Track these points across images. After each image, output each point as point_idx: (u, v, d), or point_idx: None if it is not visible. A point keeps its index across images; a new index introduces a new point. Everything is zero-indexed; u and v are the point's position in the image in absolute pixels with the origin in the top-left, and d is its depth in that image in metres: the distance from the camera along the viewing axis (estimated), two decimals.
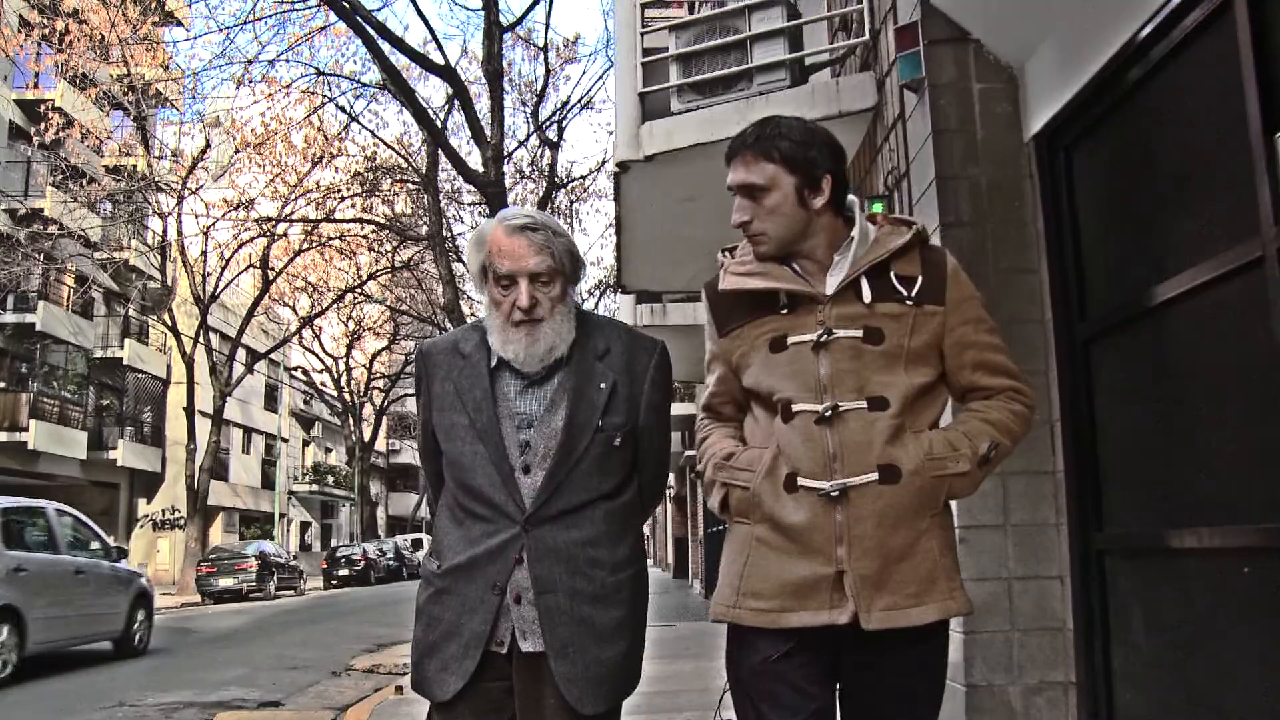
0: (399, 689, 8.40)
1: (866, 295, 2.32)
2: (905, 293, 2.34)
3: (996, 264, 4.49)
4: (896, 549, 2.23)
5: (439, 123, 20.20)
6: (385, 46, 16.36)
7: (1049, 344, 4.40)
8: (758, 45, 6.45)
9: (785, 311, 2.36)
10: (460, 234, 26.24)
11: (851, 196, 2.42)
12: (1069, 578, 4.28)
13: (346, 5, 15.66)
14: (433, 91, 40.00)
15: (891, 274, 2.35)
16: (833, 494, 2.22)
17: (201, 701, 8.87)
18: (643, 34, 6.82)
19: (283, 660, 12.27)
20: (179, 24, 32.02)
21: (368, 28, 16.20)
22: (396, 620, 17.44)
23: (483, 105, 19.28)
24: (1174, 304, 3.51)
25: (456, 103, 19.25)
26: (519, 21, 18.49)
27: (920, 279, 2.36)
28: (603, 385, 2.54)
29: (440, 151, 19.10)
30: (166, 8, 28.54)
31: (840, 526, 2.23)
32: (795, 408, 2.30)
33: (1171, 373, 3.69)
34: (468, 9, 32.47)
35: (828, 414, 2.25)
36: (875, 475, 2.22)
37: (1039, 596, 4.32)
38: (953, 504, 2.42)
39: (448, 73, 17.29)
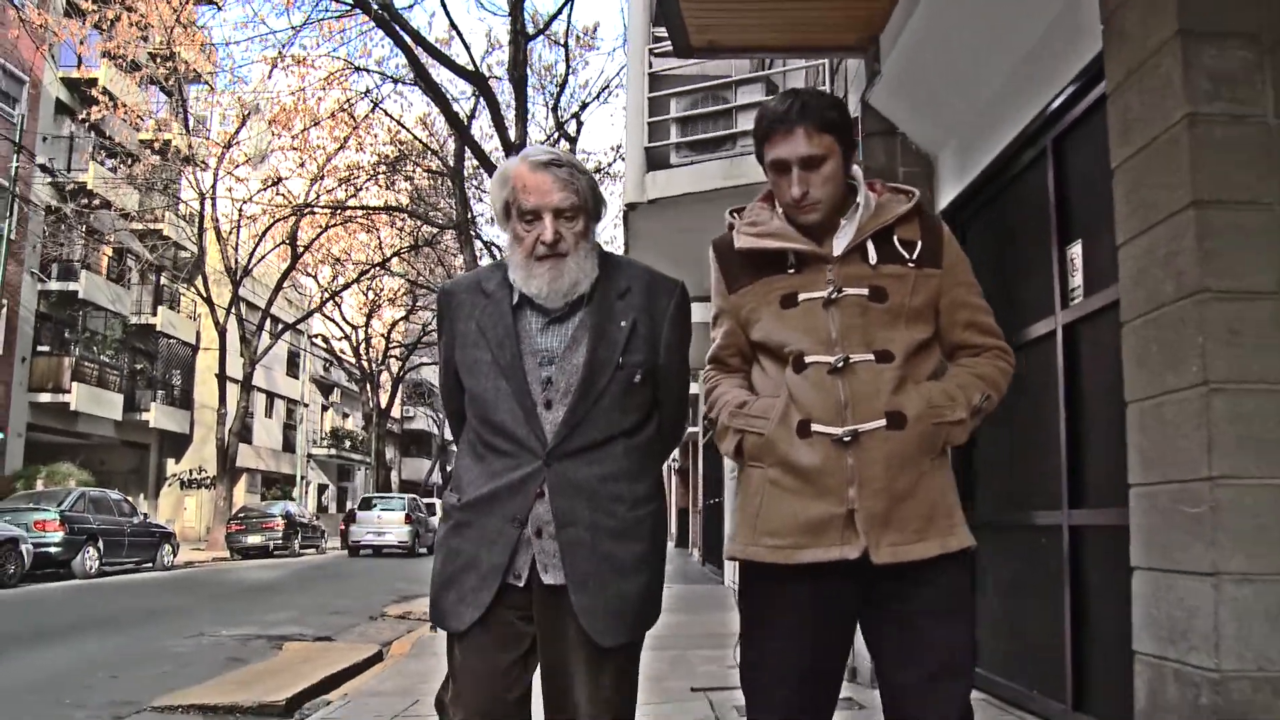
0: (433, 627, 9.99)
1: (873, 257, 2.43)
2: (907, 255, 2.45)
3: None
4: (901, 489, 2.34)
5: (466, 119, 21.76)
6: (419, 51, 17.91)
7: None
8: (741, 113, 8.01)
9: (794, 271, 2.46)
10: (481, 214, 27.72)
11: (855, 165, 2.53)
12: None
13: (385, 15, 17.20)
14: (460, 82, 41.18)
15: (894, 238, 2.46)
16: (845, 439, 2.33)
17: (267, 635, 10.56)
18: (650, 98, 8.37)
19: (324, 607, 13.92)
20: (213, 3, 33.44)
21: (404, 35, 17.76)
22: (416, 577, 19.10)
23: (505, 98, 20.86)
24: (1025, 348, 4.90)
25: (483, 100, 20.76)
26: (543, 30, 19.99)
27: (920, 243, 2.47)
28: (623, 323, 2.56)
29: (467, 148, 20.59)
30: None
31: (851, 469, 2.33)
32: (808, 359, 2.39)
33: (1017, 400, 5.29)
34: (494, 13, 33.78)
35: (839, 365, 2.36)
36: (884, 421, 2.33)
37: None
38: None
39: (477, 79, 18.82)
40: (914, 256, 2.45)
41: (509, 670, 2.53)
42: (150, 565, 22.46)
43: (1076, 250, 4.56)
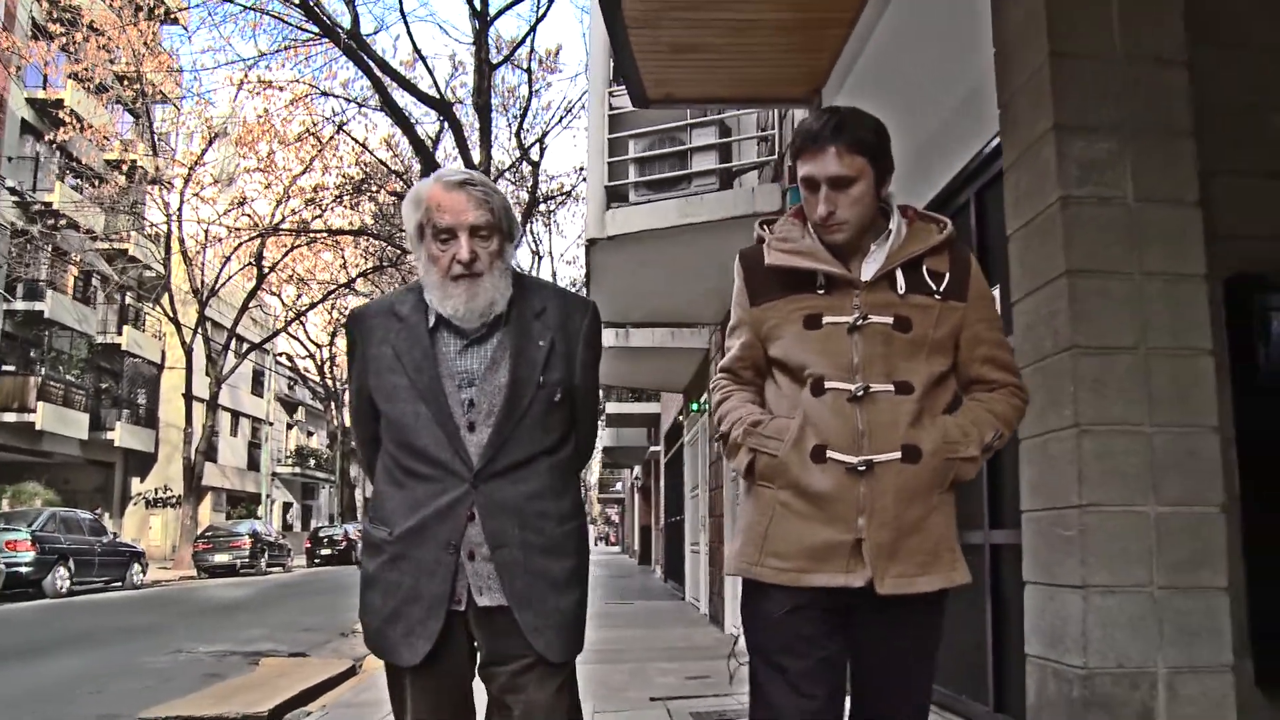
0: None
1: (901, 286, 2.41)
2: (935, 287, 2.43)
3: None
4: (909, 523, 2.34)
5: (431, 142, 22.17)
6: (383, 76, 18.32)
7: None
8: (696, 155, 8.50)
9: (822, 292, 2.43)
10: None
11: (890, 190, 2.50)
12: None
13: (353, 44, 17.60)
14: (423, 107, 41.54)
15: (924, 268, 2.44)
16: (860, 468, 2.33)
17: (242, 651, 10.93)
18: (610, 139, 8.84)
19: (295, 624, 14.28)
20: (176, 22, 33.64)
21: (371, 63, 18.18)
22: None
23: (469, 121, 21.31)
24: None
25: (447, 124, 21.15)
26: (507, 58, 20.44)
27: (948, 275, 2.45)
28: (541, 343, 2.56)
29: (431, 173, 20.95)
30: (166, 4, 29.78)
31: (863, 498, 2.33)
32: (828, 384, 2.38)
33: None
34: (459, 40, 34.30)
35: (859, 394, 2.36)
36: (899, 454, 2.33)
37: None
38: None
39: (442, 105, 19.25)
40: (941, 289, 2.43)
41: (462, 700, 2.60)
42: (120, 584, 22.70)
43: (995, 294, 5.04)
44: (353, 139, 27.67)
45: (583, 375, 2.65)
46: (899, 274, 2.42)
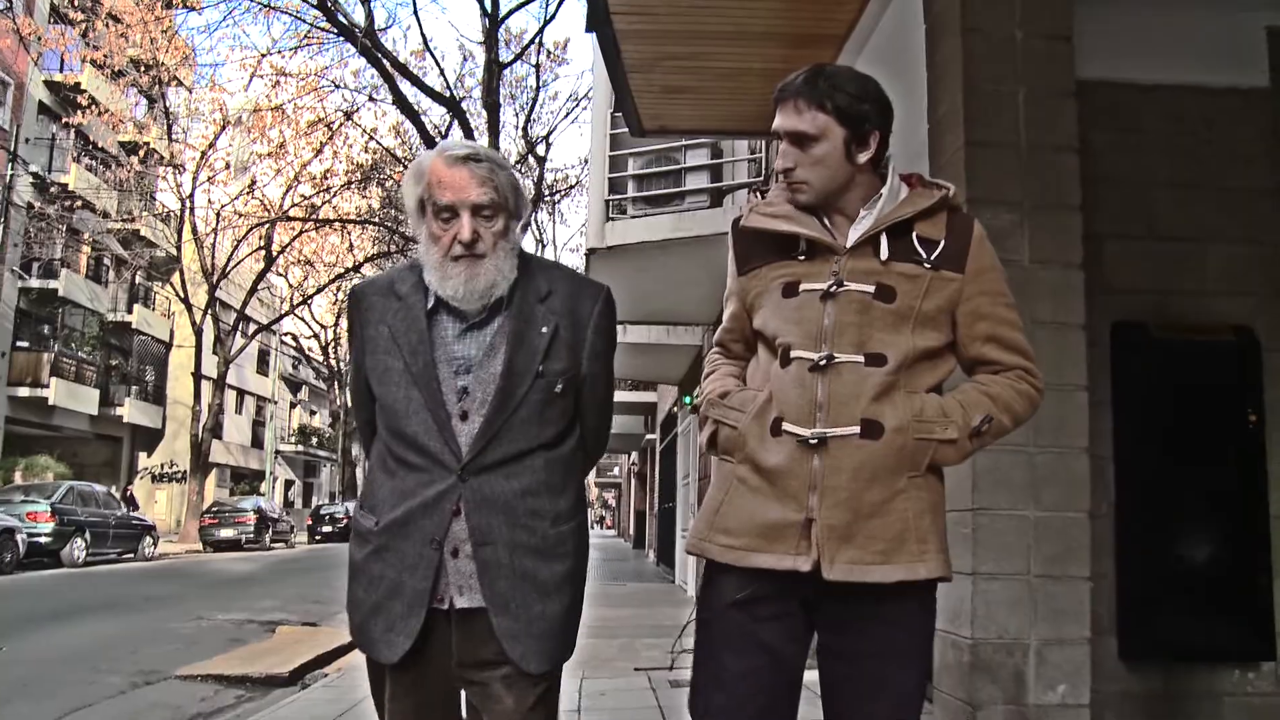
0: None
1: (884, 253, 2.25)
2: (924, 255, 2.25)
3: None
4: (868, 505, 2.16)
5: (441, 137, 22.93)
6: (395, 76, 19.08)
7: None
8: (689, 174, 9.28)
9: (803, 258, 2.30)
10: None
11: (889, 153, 2.34)
12: None
13: (369, 44, 18.35)
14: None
15: (914, 235, 2.27)
16: (811, 441, 2.18)
17: (259, 620, 11.77)
18: (610, 156, 9.61)
19: (304, 597, 15.09)
20: (190, 8, 34.27)
21: (385, 62, 18.94)
22: None
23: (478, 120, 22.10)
24: None
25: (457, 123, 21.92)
26: (517, 57, 21.18)
27: (943, 243, 2.27)
28: (544, 329, 2.41)
29: None
30: None
31: (815, 474, 2.17)
32: (793, 354, 2.24)
33: None
34: (470, 40, 34.96)
35: (822, 363, 2.20)
36: (857, 429, 2.17)
37: None
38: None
39: (451, 103, 20.01)
40: (932, 256, 2.25)
41: (446, 702, 2.47)
42: (132, 556, 23.59)
43: None
44: (361, 128, 28.46)
45: (591, 364, 2.49)
46: (884, 239, 2.25)
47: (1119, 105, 4.60)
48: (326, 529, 40.19)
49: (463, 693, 2.47)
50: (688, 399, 15.37)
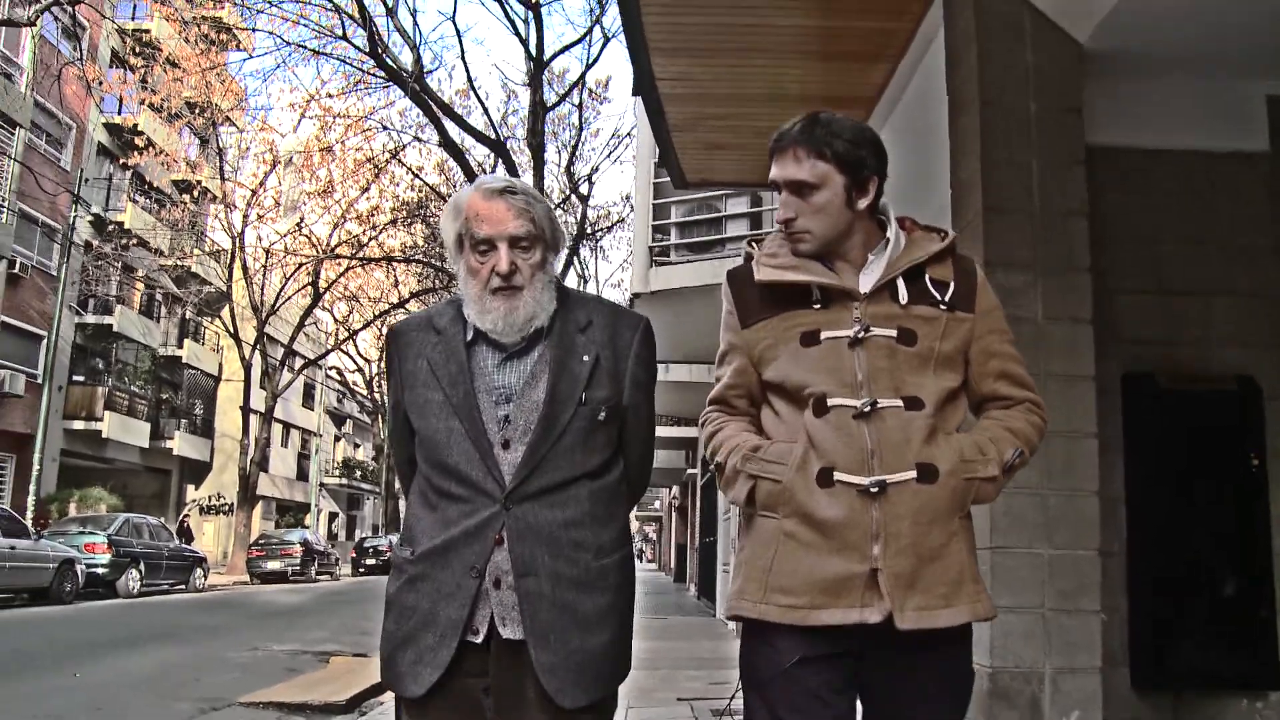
0: None
1: (903, 296, 2.26)
2: (939, 297, 2.29)
3: None
4: (929, 549, 2.16)
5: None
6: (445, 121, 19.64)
7: None
8: (730, 221, 9.66)
9: (818, 306, 2.28)
10: None
11: (885, 200, 2.37)
12: None
13: (416, 88, 18.90)
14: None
15: (926, 278, 2.30)
16: (872, 489, 2.15)
17: (312, 650, 12.18)
18: (654, 204, 10.02)
19: (353, 628, 15.47)
20: (240, 47, 35.15)
21: (434, 106, 19.50)
22: None
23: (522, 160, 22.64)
24: None
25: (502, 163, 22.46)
26: (561, 100, 21.74)
27: (953, 285, 2.31)
28: (585, 358, 2.40)
29: None
30: (226, 25, 30.77)
31: (877, 523, 2.15)
32: (830, 402, 2.21)
33: None
34: (514, 82, 35.68)
35: (866, 410, 2.19)
36: (914, 473, 2.16)
37: None
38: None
39: (497, 145, 20.55)
40: (946, 298, 2.29)
41: None
42: (184, 587, 24.16)
43: None
44: (405, 166, 29.08)
45: (633, 394, 2.48)
46: (900, 283, 2.28)
47: (1131, 169, 4.92)
48: (370, 561, 40.69)
49: None
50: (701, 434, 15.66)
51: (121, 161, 32.41)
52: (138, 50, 29.62)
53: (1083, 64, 4.65)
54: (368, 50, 18.59)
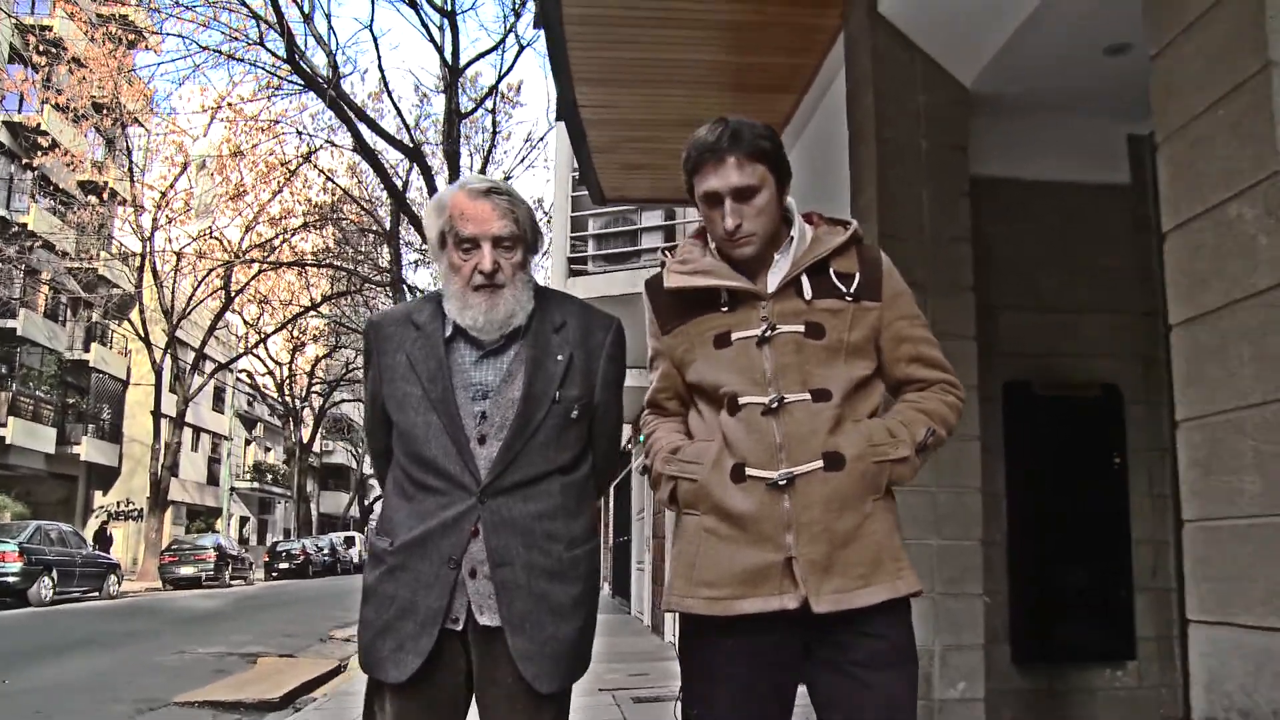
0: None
1: (808, 292, 2.31)
2: (844, 289, 2.33)
3: None
4: (842, 534, 2.21)
5: (402, 184, 23.69)
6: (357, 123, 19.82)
7: None
8: (645, 234, 10.10)
9: (726, 309, 2.34)
10: (410, 262, 29.40)
11: (790, 198, 2.41)
12: None
13: (334, 95, 19.04)
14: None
15: (830, 271, 2.34)
16: (780, 482, 2.21)
17: (238, 652, 12.36)
18: (572, 216, 10.43)
19: (276, 631, 15.63)
20: (148, 48, 34.68)
21: (350, 113, 19.67)
22: (351, 606, 20.50)
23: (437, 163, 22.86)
24: None
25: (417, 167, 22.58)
26: (477, 108, 22.00)
27: (858, 276, 2.35)
28: (559, 357, 2.47)
29: (403, 214, 22.45)
30: (135, 26, 29.99)
31: (788, 514, 2.21)
32: (742, 400, 2.28)
33: None
34: (427, 88, 35.62)
35: (774, 405, 2.25)
36: (820, 463, 2.22)
37: None
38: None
39: (414, 153, 20.76)
40: (851, 289, 2.33)
41: None
42: (97, 594, 23.90)
43: None
44: (319, 170, 29.03)
45: (603, 393, 2.57)
46: (804, 280, 2.33)
47: (1011, 199, 5.47)
48: (283, 565, 40.45)
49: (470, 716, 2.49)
50: (641, 437, 16.04)
51: (25, 161, 31.82)
52: (40, 48, 29.11)
53: (968, 105, 5.18)
54: (284, 56, 18.69)
